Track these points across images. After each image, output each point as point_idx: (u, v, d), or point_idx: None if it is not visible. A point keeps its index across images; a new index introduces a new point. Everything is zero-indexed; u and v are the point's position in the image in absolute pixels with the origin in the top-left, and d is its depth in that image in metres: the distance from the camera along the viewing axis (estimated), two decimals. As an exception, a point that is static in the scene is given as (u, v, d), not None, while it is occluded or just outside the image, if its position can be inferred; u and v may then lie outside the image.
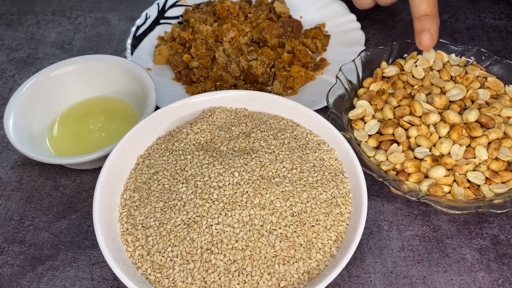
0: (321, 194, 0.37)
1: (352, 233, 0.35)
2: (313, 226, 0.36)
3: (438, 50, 0.49)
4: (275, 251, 0.34)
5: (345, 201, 0.38)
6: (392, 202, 0.43)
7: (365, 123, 0.44)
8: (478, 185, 0.40)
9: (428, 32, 0.46)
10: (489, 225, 0.42)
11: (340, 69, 0.47)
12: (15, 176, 0.46)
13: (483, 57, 0.49)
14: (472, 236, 0.41)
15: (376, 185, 0.45)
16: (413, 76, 0.47)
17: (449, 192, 0.40)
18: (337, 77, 0.46)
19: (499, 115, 0.43)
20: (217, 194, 0.36)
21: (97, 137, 0.47)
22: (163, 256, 0.34)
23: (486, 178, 0.40)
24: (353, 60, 0.48)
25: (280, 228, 0.35)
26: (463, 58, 0.49)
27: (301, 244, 0.35)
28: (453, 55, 0.49)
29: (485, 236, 0.41)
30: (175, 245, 0.35)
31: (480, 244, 0.41)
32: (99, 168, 0.39)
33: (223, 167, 0.37)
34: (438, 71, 0.48)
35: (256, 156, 0.38)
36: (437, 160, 0.40)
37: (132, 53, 0.55)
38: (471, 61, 0.49)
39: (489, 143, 0.41)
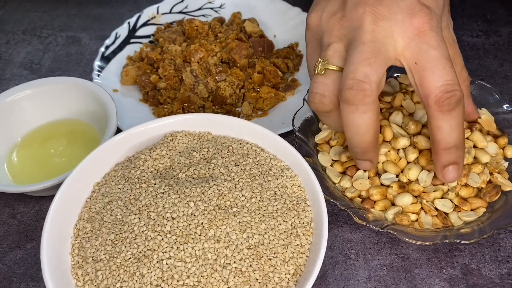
0: (280, 224, 0.36)
1: (311, 265, 0.34)
2: (270, 259, 0.34)
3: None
4: (228, 287, 0.32)
5: (306, 231, 0.36)
6: (360, 229, 0.42)
7: (331, 146, 0.43)
8: (446, 213, 0.38)
9: (457, 165, 0.36)
10: (460, 254, 0.40)
11: (308, 91, 0.46)
12: (-29, 204, 0.45)
13: (455, 78, 0.47)
14: (442, 266, 0.39)
15: (345, 212, 0.43)
16: (383, 96, 0.46)
17: (416, 221, 0.38)
18: (304, 99, 0.45)
19: (468, 139, 0.42)
20: (170, 226, 0.34)
21: (57, 162, 0.46)
22: (112, 292, 0.33)
23: (455, 205, 0.39)
24: (322, 82, 0.47)
25: (235, 262, 0.33)
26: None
27: (257, 279, 0.33)
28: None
29: (456, 265, 0.39)
30: (125, 281, 0.33)
31: (450, 274, 0.39)
32: (56, 196, 0.37)
33: (179, 197, 0.36)
34: (412, 91, 0.46)
35: (214, 184, 0.37)
36: (404, 187, 0.39)
37: (99, 74, 0.53)
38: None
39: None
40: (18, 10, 0.67)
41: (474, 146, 0.41)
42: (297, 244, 0.35)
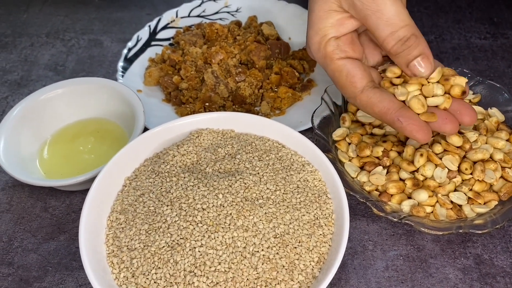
0: (304, 215, 0.38)
1: (334, 254, 0.36)
2: (295, 247, 0.36)
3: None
4: (257, 273, 0.34)
5: (328, 222, 0.38)
6: (377, 222, 0.44)
7: (349, 143, 0.45)
8: (460, 206, 0.40)
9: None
10: (473, 245, 0.42)
11: (325, 91, 0.48)
12: (5, 198, 0.47)
13: (466, 78, 0.49)
14: (456, 256, 0.41)
15: (362, 205, 0.45)
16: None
17: (432, 212, 0.40)
18: (322, 98, 0.47)
19: (485, 135, 0.44)
20: (201, 216, 0.36)
21: (86, 158, 0.48)
22: (147, 278, 0.35)
23: (469, 198, 0.41)
24: (339, 82, 0.49)
25: (262, 250, 0.35)
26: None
27: (283, 266, 0.35)
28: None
29: (469, 255, 0.41)
30: (159, 268, 0.35)
31: (463, 263, 0.41)
32: (88, 190, 0.39)
33: (208, 189, 0.38)
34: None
35: (240, 178, 0.39)
36: (418, 184, 0.41)
37: (123, 75, 0.56)
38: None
39: (474, 163, 0.42)
40: (41, 14, 0.69)
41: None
42: (320, 234, 0.37)
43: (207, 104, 0.52)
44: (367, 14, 0.36)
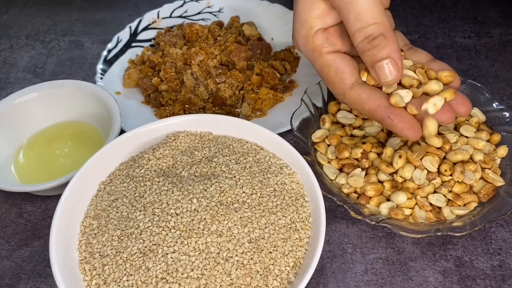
0: (280, 219, 0.37)
1: (310, 258, 0.35)
2: (270, 252, 0.35)
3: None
4: (231, 279, 0.34)
5: (305, 226, 0.38)
6: (357, 224, 0.43)
7: (328, 145, 0.44)
8: (440, 208, 0.40)
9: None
10: (453, 247, 0.42)
11: (305, 92, 0.47)
12: (-21, 203, 0.46)
13: (447, 78, 0.49)
14: (436, 258, 0.41)
15: (341, 208, 0.44)
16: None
17: (411, 215, 0.40)
18: (302, 99, 0.47)
19: (466, 136, 0.43)
20: (174, 222, 0.36)
21: (62, 162, 0.47)
22: (118, 286, 0.34)
23: (448, 200, 0.40)
24: (319, 83, 0.48)
25: (236, 255, 0.35)
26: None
27: (258, 271, 0.34)
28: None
29: (449, 258, 0.41)
30: (131, 274, 0.34)
31: (443, 266, 0.40)
32: (63, 195, 0.38)
33: (182, 194, 0.37)
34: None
35: (216, 182, 0.38)
36: (396, 186, 0.40)
37: (102, 77, 0.55)
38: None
39: (454, 164, 0.41)
40: (21, 16, 0.68)
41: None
42: (296, 238, 0.37)
43: (186, 106, 0.51)
44: (340, 5, 0.35)
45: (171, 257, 0.34)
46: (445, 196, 0.40)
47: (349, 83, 0.38)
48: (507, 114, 0.45)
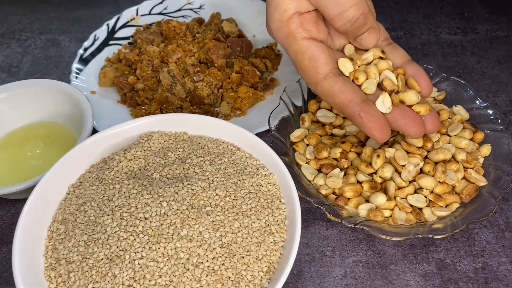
0: (254, 222, 0.36)
1: (284, 262, 0.34)
2: (243, 257, 0.34)
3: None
4: (200, 286, 0.32)
5: (280, 229, 0.36)
6: (336, 226, 0.42)
7: (307, 145, 0.43)
8: (420, 209, 0.39)
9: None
10: (436, 249, 0.40)
11: (284, 90, 0.46)
12: None
13: (431, 74, 0.48)
14: (418, 261, 0.40)
15: (321, 209, 0.43)
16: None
17: (391, 216, 0.39)
18: (280, 98, 0.45)
19: (448, 135, 0.42)
20: (142, 226, 0.34)
21: (34, 164, 0.45)
22: (84, 294, 0.33)
23: (429, 200, 0.39)
24: (298, 81, 0.47)
25: (207, 261, 0.33)
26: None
27: (229, 278, 0.33)
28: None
29: (431, 260, 0.40)
30: (97, 281, 0.33)
31: (425, 269, 0.39)
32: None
33: (152, 197, 0.36)
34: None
35: (188, 184, 0.37)
36: (375, 187, 0.39)
37: (77, 76, 0.53)
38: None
39: (436, 163, 0.40)
40: (-3, 14, 0.66)
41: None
42: (271, 242, 0.35)
43: (164, 105, 0.50)
44: None
45: (139, 263, 0.33)
46: (426, 197, 0.39)
47: (323, 72, 0.36)
48: (490, 112, 0.44)
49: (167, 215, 0.35)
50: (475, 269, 0.39)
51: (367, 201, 0.39)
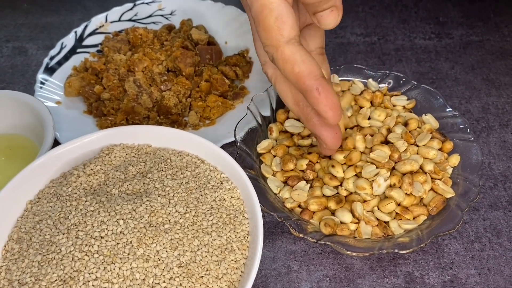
0: (215, 239, 0.35)
1: (246, 281, 0.33)
2: (202, 277, 0.33)
3: (355, 76, 0.48)
4: (156, 308, 0.31)
5: (242, 246, 0.35)
6: (304, 240, 0.41)
7: (274, 156, 0.42)
8: (387, 222, 0.38)
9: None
10: (404, 262, 0.40)
11: (251, 100, 0.45)
12: None
13: (401, 82, 0.47)
14: (385, 275, 0.39)
15: (289, 222, 0.42)
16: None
17: (356, 230, 0.38)
18: (248, 108, 0.44)
19: (416, 145, 0.41)
20: (98, 246, 0.33)
21: (-6, 179, 0.44)
22: (35, 318, 0.31)
23: (396, 213, 0.38)
24: (267, 90, 0.46)
25: (164, 281, 0.32)
26: (385, 86, 0.47)
27: (187, 298, 0.32)
28: (370, 80, 0.48)
29: (399, 273, 0.39)
30: (49, 305, 0.32)
31: (393, 283, 0.38)
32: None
33: (109, 214, 0.35)
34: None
35: (147, 200, 0.36)
36: (341, 201, 0.38)
37: (42, 86, 0.52)
38: (384, 86, 0.47)
39: (403, 175, 0.39)
40: (-36, 20, 0.65)
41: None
42: (232, 260, 0.34)
43: (130, 115, 0.49)
44: None
45: (93, 285, 0.32)
46: (393, 210, 0.38)
47: (287, 36, 0.33)
48: (460, 120, 0.43)
49: (123, 233, 0.34)
50: (444, 282, 0.38)
51: (333, 214, 0.38)
